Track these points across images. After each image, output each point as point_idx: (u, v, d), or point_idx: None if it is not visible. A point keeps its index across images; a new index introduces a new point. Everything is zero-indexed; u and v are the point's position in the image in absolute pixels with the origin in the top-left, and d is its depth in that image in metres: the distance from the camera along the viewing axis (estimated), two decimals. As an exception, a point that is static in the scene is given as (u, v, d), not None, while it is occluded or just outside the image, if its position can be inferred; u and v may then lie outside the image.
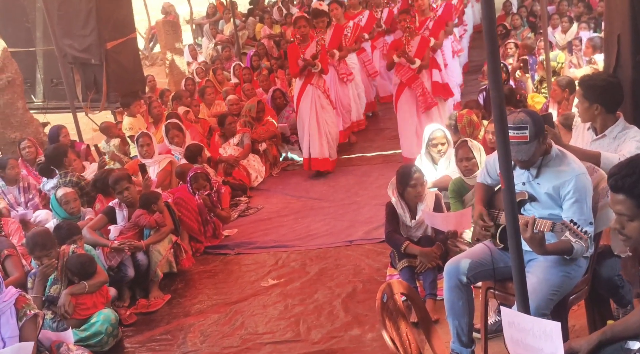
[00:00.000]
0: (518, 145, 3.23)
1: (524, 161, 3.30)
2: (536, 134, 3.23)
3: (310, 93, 7.61)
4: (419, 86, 7.09)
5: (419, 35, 7.12)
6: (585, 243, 3.10)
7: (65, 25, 9.11)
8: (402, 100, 7.18)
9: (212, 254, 6.07)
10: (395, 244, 4.72)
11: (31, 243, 4.73)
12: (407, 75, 7.09)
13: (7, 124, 8.46)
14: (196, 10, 17.19)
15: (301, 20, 7.64)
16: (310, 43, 7.54)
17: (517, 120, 3.25)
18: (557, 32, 10.17)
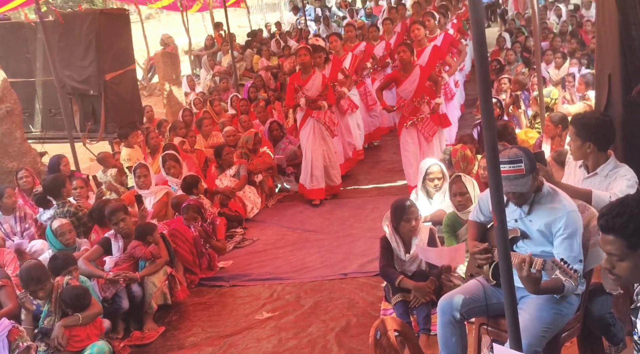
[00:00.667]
0: (515, 178, 3.28)
1: (521, 194, 3.33)
2: (531, 169, 3.30)
3: (311, 124, 7.77)
4: (421, 119, 7.18)
5: (417, 66, 7.19)
6: (574, 281, 3.14)
7: (65, 56, 9.22)
8: (404, 131, 7.28)
9: (207, 286, 6.07)
10: (389, 278, 4.74)
11: (25, 278, 4.71)
12: (409, 108, 7.18)
13: (5, 153, 8.50)
14: (195, 42, 17.36)
15: (302, 49, 7.79)
16: (312, 75, 7.66)
17: (512, 154, 3.32)
18: (550, 67, 10.31)
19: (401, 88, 7.16)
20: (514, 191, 3.30)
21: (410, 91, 7.10)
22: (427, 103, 7.18)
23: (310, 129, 7.79)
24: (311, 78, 7.68)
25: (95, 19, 9.14)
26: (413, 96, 7.10)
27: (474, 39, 2.82)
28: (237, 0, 17.14)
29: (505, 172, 3.24)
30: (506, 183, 3.25)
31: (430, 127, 7.21)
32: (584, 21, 13.52)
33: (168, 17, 28.71)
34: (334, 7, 22.01)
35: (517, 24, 14.64)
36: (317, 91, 7.68)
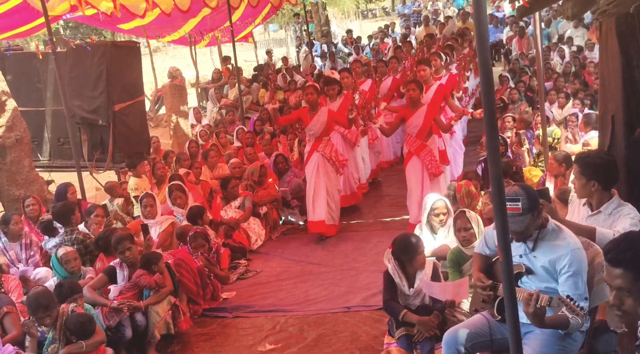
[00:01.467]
0: (512, 216, 3.33)
1: (518, 232, 3.39)
2: (530, 208, 3.34)
3: (316, 159, 7.82)
4: (427, 154, 7.23)
5: (425, 105, 7.28)
6: (580, 318, 3.17)
7: (75, 86, 9.35)
8: (409, 168, 7.34)
9: (210, 316, 6.07)
10: (392, 312, 4.75)
11: (34, 305, 4.75)
12: (415, 144, 7.25)
13: (13, 181, 8.57)
14: (202, 75, 17.61)
15: (309, 88, 7.88)
16: (319, 110, 7.77)
17: (512, 192, 3.38)
18: (554, 107, 10.44)
19: (408, 123, 7.26)
20: (511, 228, 3.35)
21: (416, 126, 7.18)
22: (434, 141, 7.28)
23: (315, 164, 7.84)
24: (316, 115, 7.76)
25: (106, 50, 9.28)
26: (419, 132, 7.19)
27: (481, 77, 2.91)
28: (246, 36, 17.41)
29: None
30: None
31: (436, 165, 7.25)
32: (587, 62, 13.72)
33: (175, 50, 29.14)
34: (340, 43, 22.32)
35: (521, 63, 14.83)
36: (322, 126, 7.76)
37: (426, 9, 26.07)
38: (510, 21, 19.73)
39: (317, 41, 21.77)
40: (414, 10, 24.89)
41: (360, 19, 35.27)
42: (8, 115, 8.46)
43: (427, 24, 19.29)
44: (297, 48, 23.33)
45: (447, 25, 17.41)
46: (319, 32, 22.63)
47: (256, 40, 21.38)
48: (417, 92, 7.18)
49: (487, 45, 2.89)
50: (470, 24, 16.42)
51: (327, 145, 7.84)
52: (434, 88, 8.02)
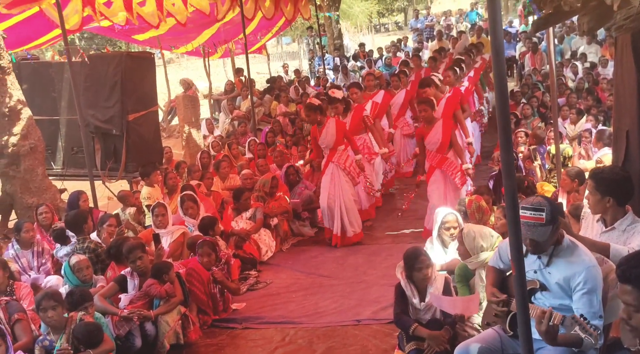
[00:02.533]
0: (534, 226, 3.31)
1: (537, 243, 3.35)
2: (552, 219, 3.32)
3: (331, 170, 7.91)
4: (450, 165, 7.28)
5: (439, 119, 7.37)
6: (594, 339, 3.13)
7: (90, 96, 9.43)
8: (432, 182, 7.41)
9: (220, 327, 6.06)
10: (403, 326, 4.72)
11: (41, 295, 4.84)
12: (436, 159, 7.31)
13: (26, 189, 8.64)
14: (215, 86, 17.71)
15: (307, 109, 8.08)
16: (326, 124, 7.85)
17: (535, 202, 3.36)
18: (566, 123, 10.41)
19: (427, 141, 7.36)
20: (531, 238, 3.33)
21: (436, 142, 7.29)
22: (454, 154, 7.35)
23: (330, 175, 7.92)
24: (325, 127, 7.84)
25: (121, 61, 9.37)
26: (439, 147, 7.26)
27: (496, 91, 2.91)
28: (259, 48, 17.51)
29: (526, 218, 3.28)
30: (525, 229, 3.28)
31: (460, 176, 7.31)
32: (600, 79, 13.67)
33: (189, 61, 29.37)
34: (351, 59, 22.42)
35: (534, 79, 14.81)
36: (333, 137, 7.81)
37: (439, 23, 26.14)
38: (523, 37, 19.73)
39: (330, 54, 21.86)
40: (427, 25, 24.98)
41: (373, 33, 35.40)
42: (23, 123, 8.54)
43: (440, 38, 19.33)
44: (309, 61, 23.43)
45: (460, 40, 17.43)
46: (331, 46, 22.73)
47: (269, 52, 21.48)
48: (429, 112, 7.30)
49: (503, 58, 2.89)
50: (484, 39, 16.42)
51: (342, 155, 7.90)
52: (443, 102, 8.07)
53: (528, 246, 3.41)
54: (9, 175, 8.68)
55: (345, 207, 7.89)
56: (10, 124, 8.45)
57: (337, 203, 7.87)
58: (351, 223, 7.95)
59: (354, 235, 7.99)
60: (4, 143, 8.44)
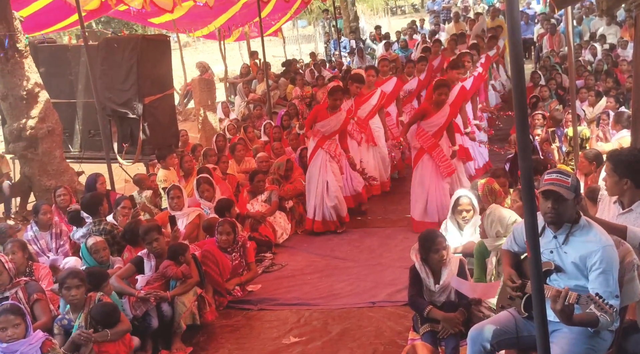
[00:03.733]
0: (559, 185, 3.30)
1: (561, 201, 3.33)
2: (575, 188, 3.32)
3: (321, 156, 7.86)
4: (439, 153, 7.27)
5: (448, 106, 7.33)
6: (610, 316, 3.12)
7: (106, 79, 9.47)
8: (420, 165, 7.38)
9: (235, 308, 6.11)
10: (418, 308, 4.73)
11: (66, 273, 4.91)
12: (429, 142, 7.26)
13: (44, 172, 8.73)
14: (230, 70, 17.71)
15: (338, 93, 7.83)
16: (337, 112, 7.79)
17: (563, 169, 3.39)
18: (585, 105, 10.29)
19: (428, 121, 7.27)
20: (557, 190, 3.30)
21: (436, 125, 7.24)
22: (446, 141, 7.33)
23: (320, 161, 7.87)
24: (334, 115, 7.77)
25: (137, 44, 9.39)
26: (437, 131, 7.20)
27: (512, 73, 2.87)
28: (275, 31, 17.46)
29: (551, 180, 3.30)
30: (550, 186, 3.29)
31: (448, 164, 7.30)
32: (620, 60, 13.48)
33: (205, 45, 29.38)
34: (368, 39, 22.27)
35: (552, 61, 14.64)
36: (336, 128, 7.81)
37: (456, 5, 25.87)
38: (542, 18, 19.50)
39: (346, 37, 21.74)
40: (444, 7, 24.74)
41: (389, 16, 35.12)
42: (40, 106, 8.62)
43: (457, 20, 19.12)
44: (325, 44, 23.33)
45: (478, 22, 17.24)
46: (347, 28, 22.60)
47: (285, 36, 21.41)
48: (447, 96, 7.29)
49: (520, 39, 2.85)
50: (500, 21, 16.23)
51: (332, 143, 7.88)
52: (457, 90, 8.01)
53: (549, 211, 3.37)
54: (27, 157, 8.77)
55: (332, 194, 7.83)
56: (28, 107, 8.53)
57: (324, 190, 7.82)
58: (336, 209, 7.89)
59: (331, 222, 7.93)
60: (22, 126, 8.52)
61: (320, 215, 7.89)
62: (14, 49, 8.30)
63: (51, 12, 10.37)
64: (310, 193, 7.97)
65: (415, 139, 7.43)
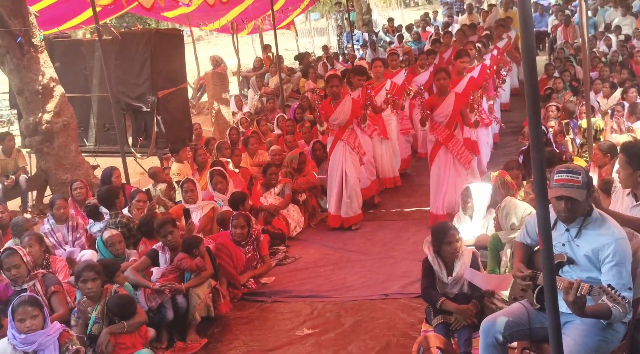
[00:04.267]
0: (570, 187, 3.30)
1: (574, 203, 3.32)
2: (587, 184, 3.31)
3: (341, 149, 7.76)
4: (456, 144, 7.14)
5: (452, 93, 7.16)
6: (622, 308, 3.12)
7: (120, 73, 9.53)
8: (437, 159, 7.23)
9: (249, 301, 6.16)
10: (430, 300, 4.75)
11: (82, 266, 4.96)
12: (444, 134, 7.14)
13: (60, 166, 8.82)
14: (243, 63, 17.73)
15: (334, 79, 7.81)
16: (342, 100, 7.69)
17: (572, 166, 3.40)
18: (599, 96, 10.22)
19: (437, 112, 7.13)
20: (569, 195, 3.29)
21: (445, 116, 7.07)
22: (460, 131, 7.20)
23: (341, 153, 7.76)
24: (340, 103, 7.68)
25: (151, 38, 9.44)
26: (448, 122, 7.09)
27: (524, 65, 2.87)
28: (288, 24, 17.45)
29: (562, 181, 3.28)
30: (562, 189, 3.28)
31: (466, 155, 7.19)
32: (635, 51, 13.36)
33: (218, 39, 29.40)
34: (381, 32, 22.20)
35: (566, 52, 14.53)
36: (347, 116, 7.67)
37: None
38: (556, 9, 19.33)
39: (358, 30, 21.68)
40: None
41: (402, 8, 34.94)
42: (56, 101, 8.69)
43: (470, 11, 19.01)
44: (338, 36, 23.29)
45: (491, 13, 17.14)
46: (360, 21, 22.55)
47: (297, 29, 21.39)
48: (447, 81, 7.11)
49: (532, 30, 2.85)
50: (512, 12, 16.12)
51: (351, 134, 7.77)
52: (465, 80, 7.90)
53: (562, 211, 3.37)
54: (43, 151, 8.87)
55: (350, 187, 7.77)
56: (43, 102, 8.61)
57: (344, 182, 7.74)
58: (352, 203, 7.81)
59: (353, 216, 7.85)
60: (38, 120, 8.61)
61: (338, 210, 7.82)
62: (30, 44, 8.38)
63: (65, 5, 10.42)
64: (332, 188, 7.85)
65: (431, 133, 7.36)
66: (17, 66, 8.44)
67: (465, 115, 7.19)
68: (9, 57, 8.39)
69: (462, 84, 7.62)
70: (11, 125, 15.02)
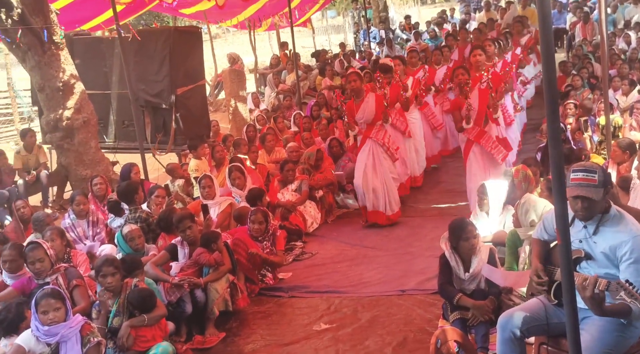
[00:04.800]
0: (587, 186, 3.30)
1: (591, 202, 3.33)
2: (604, 182, 3.31)
3: (369, 146, 7.63)
4: (488, 140, 6.99)
5: (476, 89, 7.00)
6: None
7: (140, 71, 9.63)
8: (471, 156, 7.09)
9: (267, 295, 6.21)
10: (447, 296, 4.76)
11: (101, 261, 5.02)
12: (474, 132, 7.00)
13: (80, 162, 8.94)
14: (260, 61, 17.81)
15: (352, 75, 7.70)
16: (365, 98, 7.54)
17: (588, 165, 3.38)
18: (618, 94, 10.15)
19: (463, 111, 7.03)
20: (585, 195, 3.30)
21: (473, 112, 6.94)
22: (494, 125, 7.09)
23: (368, 151, 7.64)
24: (364, 101, 7.52)
25: (169, 36, 9.53)
26: (476, 119, 7.03)
27: (543, 61, 2.88)
28: (305, 21, 17.49)
29: (578, 180, 3.28)
30: (578, 189, 3.28)
31: (500, 149, 7.03)
32: (656, 49, 13.24)
33: (234, 36, 29.53)
34: (398, 29, 22.16)
35: (584, 50, 14.43)
36: (372, 113, 7.49)
37: (487, -7, 25.54)
38: (574, 6, 19.17)
39: (375, 27, 21.66)
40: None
41: (419, 5, 34.87)
42: (76, 97, 8.81)
43: (487, 9, 18.92)
44: (354, 34, 23.29)
45: (509, 10, 17.04)
46: (377, 18, 22.52)
47: (314, 26, 21.42)
48: (465, 76, 6.99)
49: (551, 27, 2.86)
50: (530, 10, 16.02)
51: (380, 131, 7.62)
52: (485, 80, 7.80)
53: (579, 210, 3.37)
54: (63, 147, 8.99)
55: (385, 185, 7.66)
56: (64, 98, 8.74)
57: (377, 181, 7.61)
58: (389, 202, 7.71)
59: (392, 214, 7.77)
60: (59, 116, 8.73)
61: (372, 205, 7.71)
62: (51, 41, 8.49)
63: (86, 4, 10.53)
64: (358, 187, 7.73)
65: (462, 133, 7.24)
66: (38, 63, 8.57)
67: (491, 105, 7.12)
68: (30, 54, 8.51)
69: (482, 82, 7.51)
70: (32, 122, 15.20)
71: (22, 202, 7.45)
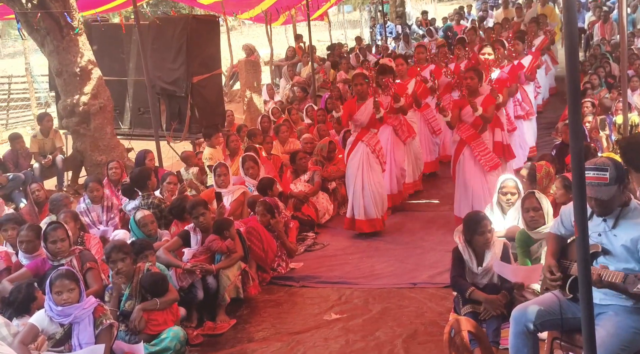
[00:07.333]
0: (597, 186, 3.27)
1: (602, 202, 3.31)
2: (617, 179, 3.28)
3: (361, 150, 7.26)
4: (480, 145, 6.76)
5: (483, 95, 6.79)
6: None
7: (156, 58, 9.65)
8: (461, 158, 6.87)
9: (278, 284, 6.23)
10: (460, 289, 4.75)
11: (109, 247, 5.05)
12: (468, 132, 6.80)
13: (95, 147, 8.99)
14: (276, 53, 17.80)
15: (358, 77, 7.38)
16: (368, 100, 7.23)
17: (599, 162, 3.34)
18: (635, 94, 10.05)
19: (465, 111, 6.79)
20: (595, 196, 3.28)
21: (472, 116, 6.71)
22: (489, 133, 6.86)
23: (360, 156, 7.26)
24: (363, 105, 7.24)
25: (187, 24, 9.54)
26: (475, 121, 6.74)
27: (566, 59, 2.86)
28: (321, 15, 17.46)
29: (589, 179, 3.25)
30: (589, 189, 3.25)
31: (490, 157, 6.77)
32: (674, 50, 13.11)
33: (250, 29, 29.55)
34: (414, 25, 22.08)
35: (602, 49, 14.31)
36: (368, 118, 7.22)
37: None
38: (593, 6, 19.01)
39: (392, 22, 21.59)
40: (492, -7, 24.30)
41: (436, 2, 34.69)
42: (93, 83, 8.86)
43: (505, 6, 18.77)
44: (370, 29, 23.23)
45: (530, 8, 16.84)
46: (393, 13, 22.45)
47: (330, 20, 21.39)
48: (475, 81, 6.75)
49: (576, 26, 2.83)
50: (549, 7, 15.88)
51: (373, 137, 7.30)
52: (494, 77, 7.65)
53: (593, 207, 3.36)
54: (79, 133, 9.05)
55: (372, 190, 7.25)
56: (81, 83, 8.79)
57: (364, 185, 7.23)
58: (376, 206, 7.28)
59: (375, 219, 7.30)
60: (76, 102, 8.78)
61: (360, 214, 7.28)
62: (69, 27, 8.53)
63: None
64: (349, 190, 7.40)
65: (455, 132, 6.99)
66: (56, 48, 8.61)
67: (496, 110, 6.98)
68: (49, 39, 8.56)
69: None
70: (48, 107, 15.31)
71: (37, 185, 7.51)
